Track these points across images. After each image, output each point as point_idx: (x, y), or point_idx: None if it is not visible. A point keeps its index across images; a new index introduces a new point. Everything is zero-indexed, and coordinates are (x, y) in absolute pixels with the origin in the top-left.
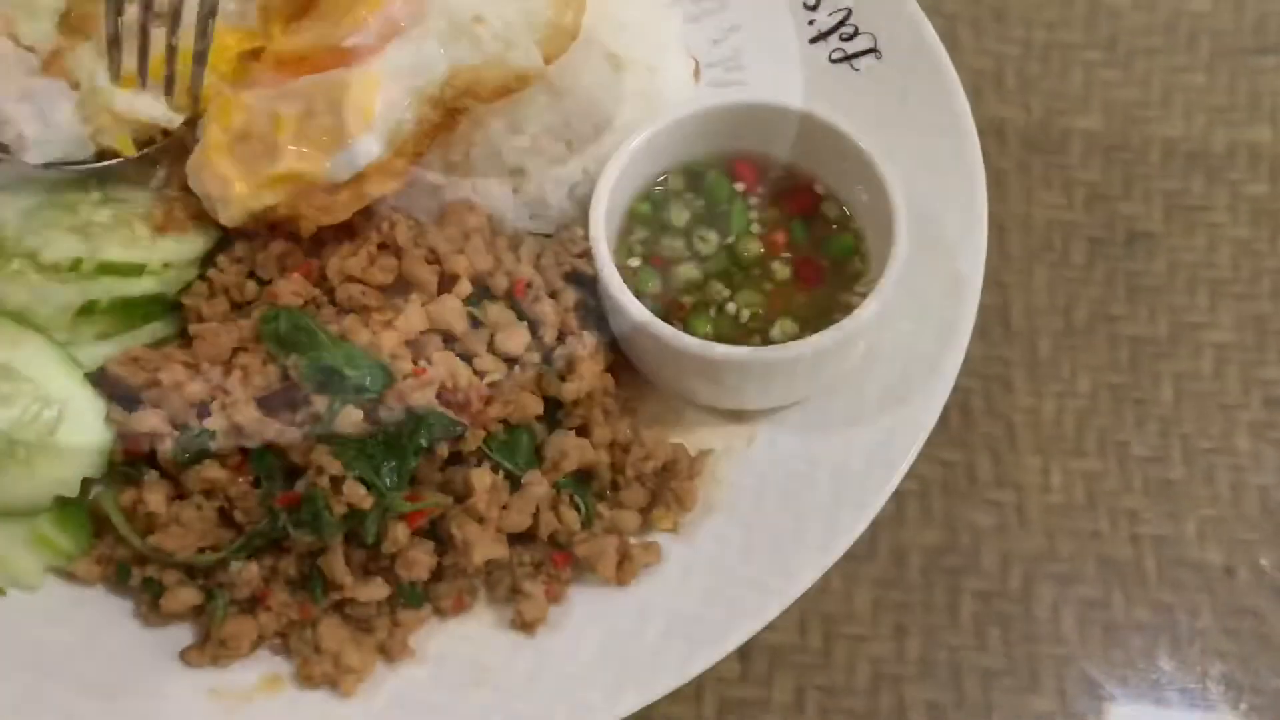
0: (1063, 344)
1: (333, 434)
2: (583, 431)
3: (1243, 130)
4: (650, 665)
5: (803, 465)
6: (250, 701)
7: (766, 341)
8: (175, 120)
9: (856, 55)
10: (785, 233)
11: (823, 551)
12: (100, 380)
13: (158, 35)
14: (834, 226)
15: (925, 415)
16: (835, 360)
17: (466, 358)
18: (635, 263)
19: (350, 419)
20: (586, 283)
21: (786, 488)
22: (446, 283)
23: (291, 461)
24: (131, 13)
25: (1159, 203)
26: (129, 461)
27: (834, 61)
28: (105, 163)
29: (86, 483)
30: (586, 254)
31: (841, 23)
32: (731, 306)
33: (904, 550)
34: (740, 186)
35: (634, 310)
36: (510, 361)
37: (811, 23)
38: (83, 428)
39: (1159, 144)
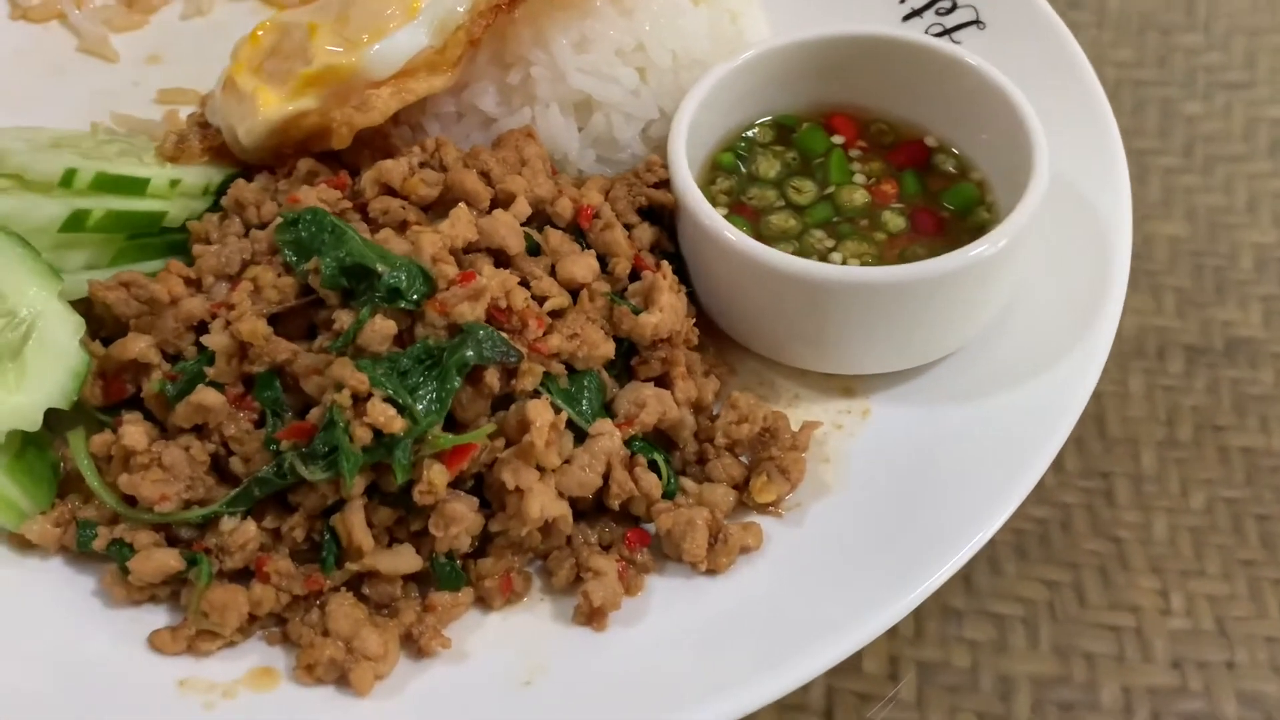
0: (1167, 456)
1: (358, 349)
2: (662, 384)
3: None
4: (745, 671)
5: (928, 443)
6: (232, 697)
7: None
8: None
9: (956, 28)
10: (895, 184)
11: (954, 543)
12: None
13: None
14: (953, 174)
15: (1078, 387)
16: (956, 305)
17: (524, 282)
18: (721, 211)
19: (381, 330)
20: (664, 220)
21: (909, 468)
22: (501, 203)
23: (305, 396)
24: None
25: (1257, 309)
26: (107, 408)
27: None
28: None
29: (51, 425)
30: (664, 184)
31: None
32: (836, 257)
33: (1010, 682)
34: (838, 140)
35: (722, 230)
36: (575, 290)
37: (903, 1)
38: (53, 347)
39: (1249, 249)
